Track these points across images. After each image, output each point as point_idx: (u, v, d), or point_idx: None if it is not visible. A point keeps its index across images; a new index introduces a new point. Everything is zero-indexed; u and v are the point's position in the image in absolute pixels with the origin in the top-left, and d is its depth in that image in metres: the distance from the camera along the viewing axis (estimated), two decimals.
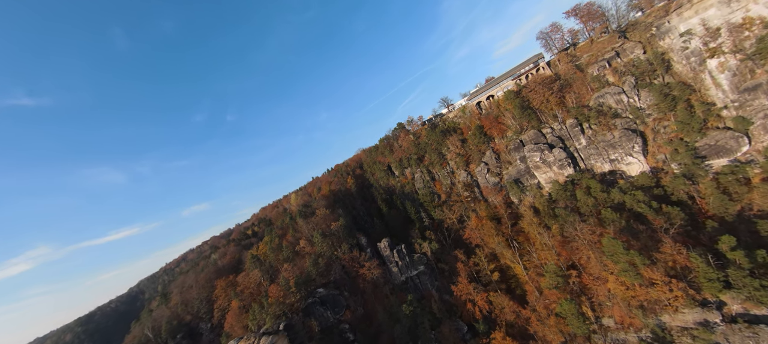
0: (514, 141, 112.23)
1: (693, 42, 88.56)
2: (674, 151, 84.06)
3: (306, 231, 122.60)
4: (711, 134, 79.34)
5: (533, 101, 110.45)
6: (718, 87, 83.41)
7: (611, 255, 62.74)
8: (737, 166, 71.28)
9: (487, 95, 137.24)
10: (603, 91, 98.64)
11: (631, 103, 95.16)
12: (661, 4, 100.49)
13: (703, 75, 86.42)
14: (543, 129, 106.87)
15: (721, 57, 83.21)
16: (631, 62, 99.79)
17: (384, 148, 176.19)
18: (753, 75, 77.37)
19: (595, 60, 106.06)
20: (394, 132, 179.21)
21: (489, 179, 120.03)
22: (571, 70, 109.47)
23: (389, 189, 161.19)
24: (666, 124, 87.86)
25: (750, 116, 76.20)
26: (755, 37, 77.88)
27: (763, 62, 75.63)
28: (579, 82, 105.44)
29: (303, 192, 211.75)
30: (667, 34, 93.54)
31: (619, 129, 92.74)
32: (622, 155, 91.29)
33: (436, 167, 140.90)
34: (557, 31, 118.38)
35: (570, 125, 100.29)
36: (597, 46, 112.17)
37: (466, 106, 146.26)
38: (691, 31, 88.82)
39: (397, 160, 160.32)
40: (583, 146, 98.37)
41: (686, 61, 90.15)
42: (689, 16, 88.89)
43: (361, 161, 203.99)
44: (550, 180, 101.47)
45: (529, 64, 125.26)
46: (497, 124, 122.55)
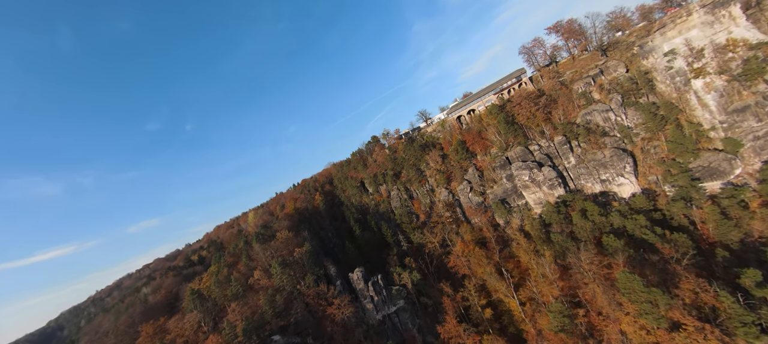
0: (500, 158, 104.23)
1: (677, 62, 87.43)
2: (667, 171, 80.00)
3: (263, 258, 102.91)
4: (704, 155, 76.16)
5: (518, 116, 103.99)
6: (704, 108, 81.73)
7: (627, 293, 53.30)
8: (736, 189, 67.26)
9: (468, 109, 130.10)
10: (590, 108, 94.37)
11: (618, 121, 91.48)
12: (641, 25, 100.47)
13: (688, 95, 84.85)
14: (530, 146, 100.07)
15: (706, 77, 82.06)
16: (614, 80, 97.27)
17: (357, 162, 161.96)
18: (740, 96, 76.17)
19: (579, 76, 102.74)
20: (368, 145, 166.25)
21: (472, 198, 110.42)
22: (556, 86, 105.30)
23: (362, 207, 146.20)
24: (656, 144, 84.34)
25: (740, 138, 74.12)
26: (740, 58, 77.40)
27: (750, 84, 74.67)
28: (565, 98, 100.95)
29: (264, 211, 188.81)
30: (651, 54, 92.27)
31: (609, 148, 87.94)
32: (613, 175, 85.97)
33: (414, 184, 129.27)
34: (540, 46, 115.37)
35: (558, 143, 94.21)
36: (579, 63, 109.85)
37: (445, 120, 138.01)
38: (674, 50, 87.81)
39: (371, 175, 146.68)
40: (572, 165, 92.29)
41: (670, 80, 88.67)
42: (673, 35, 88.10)
43: (331, 176, 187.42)
44: (540, 201, 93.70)
45: (512, 79, 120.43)
46: (480, 140, 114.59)
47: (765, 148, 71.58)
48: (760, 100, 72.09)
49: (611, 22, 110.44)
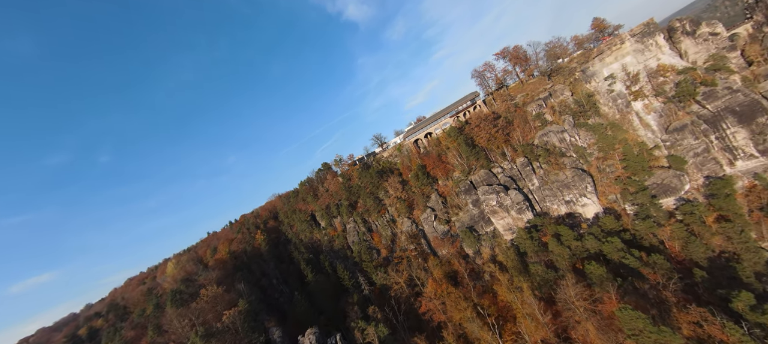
0: (464, 182, 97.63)
1: (617, 85, 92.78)
2: (625, 190, 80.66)
3: (178, 328, 77.09)
4: (657, 173, 78.37)
5: (478, 139, 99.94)
6: (647, 127, 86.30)
7: (633, 334, 45.87)
8: (693, 205, 68.35)
9: (425, 132, 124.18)
10: (546, 129, 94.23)
11: (573, 142, 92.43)
12: (580, 52, 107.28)
13: (631, 116, 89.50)
14: (493, 169, 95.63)
15: (645, 99, 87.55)
16: (563, 103, 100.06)
17: (306, 192, 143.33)
18: (677, 116, 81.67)
19: (531, 99, 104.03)
20: (319, 173, 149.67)
21: (437, 227, 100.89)
22: (511, 108, 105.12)
23: (314, 245, 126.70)
24: (610, 163, 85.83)
25: (682, 155, 78.19)
26: (672, 81, 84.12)
27: (684, 105, 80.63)
28: (521, 120, 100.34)
29: (189, 257, 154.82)
30: (593, 78, 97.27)
31: (569, 168, 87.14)
32: (576, 196, 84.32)
33: (372, 215, 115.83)
34: (491, 70, 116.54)
35: (521, 164, 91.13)
36: (529, 87, 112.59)
37: (402, 144, 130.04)
38: (613, 75, 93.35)
39: (323, 207, 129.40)
40: (536, 187, 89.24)
41: (613, 103, 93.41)
42: (610, 61, 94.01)
43: (275, 209, 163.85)
44: (509, 226, 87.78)
45: (467, 101, 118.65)
46: (441, 164, 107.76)
47: (705, 164, 76.09)
48: (695, 120, 77.53)
49: (549, 50, 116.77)
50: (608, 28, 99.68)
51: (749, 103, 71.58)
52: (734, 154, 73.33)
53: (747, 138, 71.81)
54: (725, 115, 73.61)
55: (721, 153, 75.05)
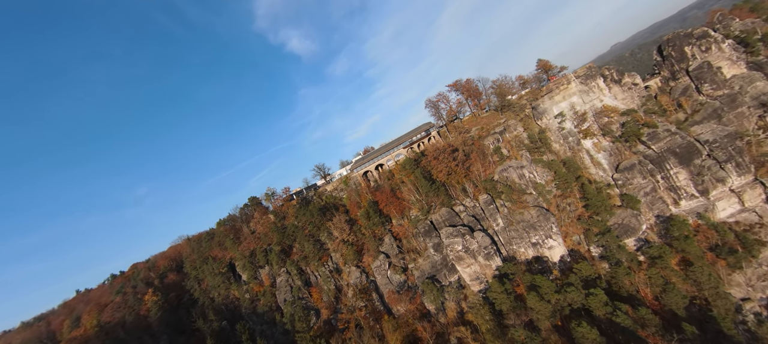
0: (423, 222, 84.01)
1: (566, 123, 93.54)
2: (588, 230, 76.61)
3: None
4: (617, 213, 76.30)
5: (437, 173, 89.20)
6: (597, 166, 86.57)
7: None
8: (660, 249, 65.56)
9: (376, 164, 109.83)
10: (506, 165, 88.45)
11: (531, 178, 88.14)
12: (527, 91, 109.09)
13: (582, 154, 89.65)
14: (455, 207, 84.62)
15: (594, 138, 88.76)
16: (517, 138, 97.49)
17: (225, 235, 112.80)
18: (625, 155, 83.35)
19: (488, 132, 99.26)
20: (245, 210, 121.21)
21: (392, 277, 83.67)
22: (468, 141, 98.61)
23: (230, 307, 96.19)
24: (570, 201, 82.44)
25: (634, 194, 78.40)
26: (617, 122, 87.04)
27: (630, 145, 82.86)
28: (479, 154, 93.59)
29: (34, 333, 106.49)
30: (544, 115, 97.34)
31: (533, 207, 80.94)
32: (542, 237, 77.26)
33: (312, 263, 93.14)
34: (445, 102, 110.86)
35: (484, 202, 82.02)
36: (482, 121, 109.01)
37: (349, 176, 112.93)
38: (563, 113, 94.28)
39: (246, 254, 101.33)
40: (501, 227, 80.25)
41: (564, 140, 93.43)
42: (559, 100, 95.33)
43: (180, 258, 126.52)
44: (476, 275, 75.50)
45: (421, 132, 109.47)
46: (395, 200, 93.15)
47: (654, 203, 76.92)
48: (642, 160, 79.34)
49: (498, 87, 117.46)
50: (553, 68, 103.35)
51: (686, 145, 75.70)
52: (678, 194, 75.57)
53: (688, 178, 74.89)
54: (668, 156, 76.50)
55: (667, 192, 77.04)
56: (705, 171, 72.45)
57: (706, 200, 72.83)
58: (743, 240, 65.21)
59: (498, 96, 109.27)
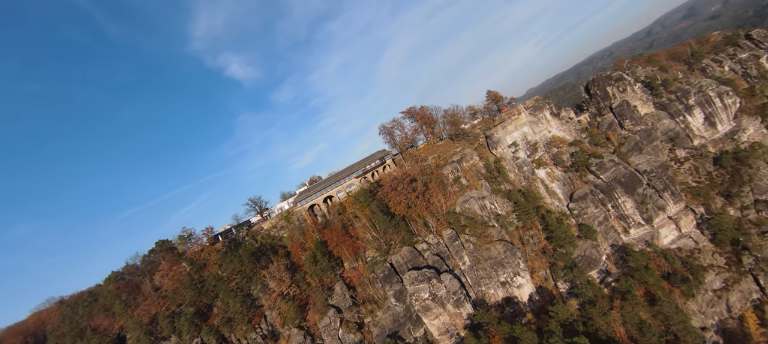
0: (381, 265, 71.39)
1: (520, 153, 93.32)
2: (553, 264, 72.87)
3: None
4: (579, 244, 74.38)
5: (396, 206, 78.87)
6: (553, 195, 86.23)
7: None
8: (628, 281, 63.61)
9: (324, 196, 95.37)
10: (467, 195, 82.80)
11: (492, 209, 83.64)
12: (480, 120, 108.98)
13: (537, 184, 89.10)
14: (418, 244, 74.35)
15: (547, 168, 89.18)
16: (474, 167, 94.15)
17: (113, 295, 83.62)
18: (577, 185, 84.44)
19: (445, 161, 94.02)
20: (149, 257, 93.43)
21: (345, 338, 67.79)
22: (426, 170, 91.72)
23: None
24: (532, 233, 79.00)
25: (590, 224, 78.37)
26: (567, 152, 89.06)
27: (581, 174, 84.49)
28: (438, 184, 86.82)
29: None
30: (498, 145, 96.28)
31: (498, 241, 75.12)
32: (510, 275, 70.92)
33: (238, 327, 71.98)
34: (400, 128, 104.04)
35: (449, 238, 73.57)
36: (438, 149, 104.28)
37: (291, 211, 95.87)
38: (516, 143, 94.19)
39: (143, 321, 74.96)
40: (468, 266, 71.96)
41: (519, 170, 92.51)
42: (512, 129, 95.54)
43: (43, 331, 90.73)
44: (446, 327, 64.42)
45: (375, 160, 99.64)
46: (348, 239, 79.31)
47: (608, 232, 77.59)
48: (593, 189, 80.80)
49: (451, 116, 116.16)
50: (503, 99, 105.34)
51: (629, 175, 79.42)
52: (627, 222, 77.57)
53: (634, 207, 77.68)
54: (615, 186, 79.09)
55: (618, 221, 78.74)
56: (647, 199, 75.99)
57: (651, 228, 75.77)
58: (689, 266, 67.47)
59: (451, 124, 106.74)
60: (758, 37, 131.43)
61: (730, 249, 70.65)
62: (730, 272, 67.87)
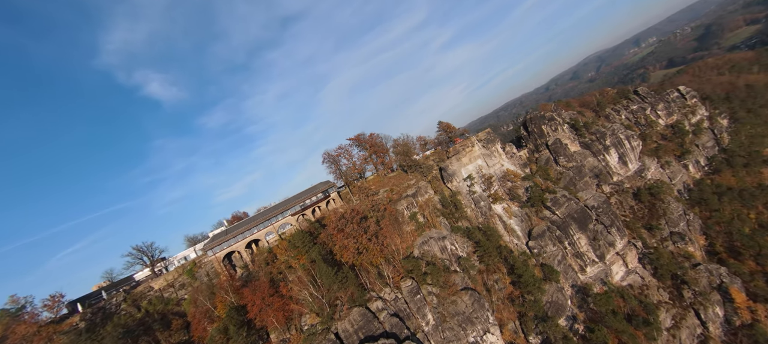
0: (323, 337, 53.15)
1: (476, 187, 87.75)
2: (522, 315, 64.72)
3: None
4: (546, 289, 68.21)
5: (343, 251, 62.95)
6: (511, 233, 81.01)
7: None
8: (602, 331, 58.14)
9: (248, 241, 73.63)
10: (426, 235, 71.86)
11: (453, 250, 73.93)
12: (432, 151, 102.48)
13: (495, 220, 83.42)
14: (371, 303, 58.51)
15: (503, 203, 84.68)
16: (429, 202, 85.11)
17: None
18: (533, 221, 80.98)
19: (399, 195, 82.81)
20: None
21: None
22: (377, 205, 78.68)
23: None
24: (497, 277, 70.79)
25: (551, 264, 74.08)
26: (522, 186, 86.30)
27: (536, 210, 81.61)
28: (393, 222, 74.29)
29: None
30: (453, 178, 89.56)
31: (464, 290, 64.41)
32: (480, 333, 59.90)
33: None
34: (348, 156, 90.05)
35: (408, 292, 59.94)
36: (390, 181, 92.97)
37: (199, 262, 71.13)
38: (471, 176, 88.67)
39: None
40: (432, 327, 58.66)
41: (476, 205, 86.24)
42: (466, 162, 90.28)
43: None
44: None
45: (318, 193, 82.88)
46: (277, 300, 59.21)
47: (567, 272, 74.12)
48: (550, 226, 78.00)
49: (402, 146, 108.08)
50: (455, 130, 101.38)
51: (580, 210, 79.24)
52: (584, 260, 75.71)
53: (588, 244, 76.65)
54: (569, 222, 77.68)
55: (574, 260, 76.44)
56: (599, 235, 75.91)
57: (605, 265, 75.09)
58: (645, 305, 66.59)
59: (403, 155, 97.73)
60: (643, 93, 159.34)
61: (670, 283, 73.28)
62: (676, 307, 69.41)
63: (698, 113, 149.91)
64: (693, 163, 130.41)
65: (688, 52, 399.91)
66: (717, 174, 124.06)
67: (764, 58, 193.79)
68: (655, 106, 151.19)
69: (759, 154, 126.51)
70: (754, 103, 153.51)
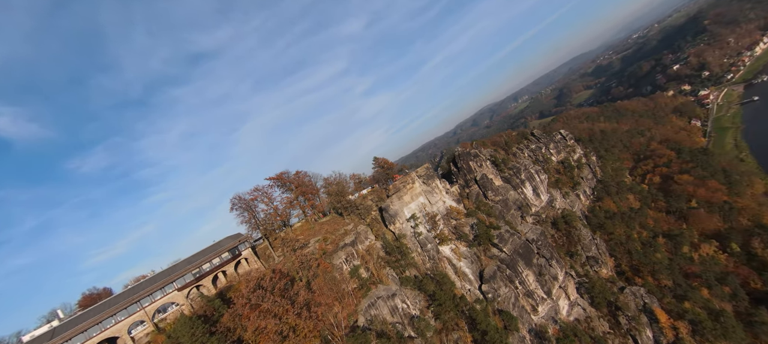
0: None
1: (420, 228, 78.73)
2: None
3: None
4: (510, 340, 60.05)
5: (257, 339, 43.20)
6: (463, 277, 72.98)
7: None
8: None
9: (104, 337, 45.55)
10: (372, 295, 57.51)
11: (405, 309, 60.86)
12: (369, 190, 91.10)
13: (444, 264, 74.74)
14: None
15: (451, 243, 77.23)
16: (371, 249, 71.95)
17: None
18: (483, 262, 75.08)
19: (335, 245, 67.08)
20: None
21: None
22: (308, 261, 61.17)
23: None
24: (458, 336, 59.93)
25: (509, 310, 67.57)
26: (467, 224, 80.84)
27: (485, 248, 76.43)
28: (328, 281, 57.86)
29: None
30: (396, 219, 79.17)
31: None
32: None
33: None
34: (267, 200, 70.38)
35: None
36: (323, 228, 76.49)
37: None
38: (414, 216, 79.72)
39: None
40: None
41: (422, 248, 76.60)
42: (408, 200, 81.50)
43: None
44: None
45: (223, 253, 60.28)
46: None
47: (523, 316, 68.80)
48: (500, 265, 73.21)
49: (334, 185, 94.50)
50: (394, 167, 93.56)
51: (523, 244, 77.64)
52: (535, 299, 72.19)
53: (535, 280, 74.13)
54: (517, 258, 74.64)
55: (526, 300, 72.31)
56: (543, 269, 74.67)
57: (553, 301, 73.16)
58: (595, 339, 65.11)
59: (336, 195, 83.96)
60: (538, 135, 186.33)
61: (606, 310, 75.58)
62: (617, 336, 70.64)
63: (577, 151, 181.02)
64: (582, 193, 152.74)
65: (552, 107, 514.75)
66: (600, 201, 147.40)
67: (606, 111, 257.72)
68: (548, 145, 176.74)
69: (624, 183, 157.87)
70: (609, 143, 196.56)
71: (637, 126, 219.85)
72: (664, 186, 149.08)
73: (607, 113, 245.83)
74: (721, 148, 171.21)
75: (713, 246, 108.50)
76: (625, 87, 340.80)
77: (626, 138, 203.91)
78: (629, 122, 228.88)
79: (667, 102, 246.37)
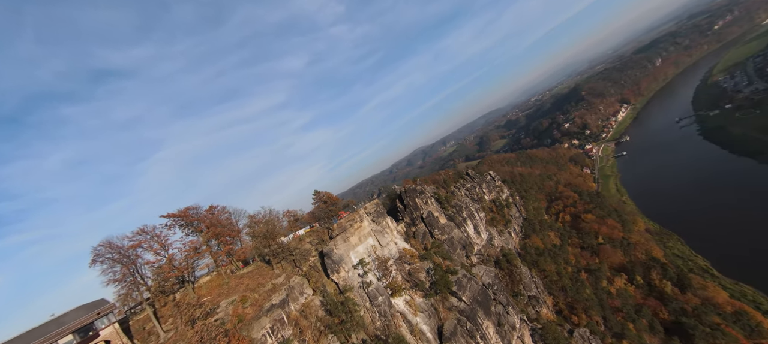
0: None
1: (370, 276, 65.63)
2: None
3: None
4: None
5: None
6: (420, 337, 60.99)
7: None
8: None
9: None
10: None
11: None
12: (307, 230, 74.88)
13: (397, 321, 61.91)
14: None
15: (405, 294, 65.43)
16: (308, 309, 55.50)
17: None
18: (441, 315, 64.63)
19: (259, 308, 48.84)
20: None
21: None
22: (216, 335, 41.80)
23: None
24: None
25: None
26: (422, 269, 70.43)
27: (442, 298, 66.51)
28: None
29: None
30: (340, 266, 64.65)
31: None
32: None
33: None
34: (158, 247, 48.63)
35: None
36: (243, 283, 56.81)
37: None
38: (363, 262, 66.75)
39: None
40: None
41: (372, 303, 62.92)
42: (356, 242, 68.33)
43: None
44: None
45: (65, 336, 36.66)
46: None
47: None
48: (460, 318, 63.84)
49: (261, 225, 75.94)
50: (338, 202, 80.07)
51: (480, 290, 70.81)
52: None
53: (495, 332, 66.79)
54: (476, 308, 66.72)
55: None
56: (501, 318, 68.43)
57: None
58: None
59: (265, 238, 65.99)
60: (472, 175, 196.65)
61: None
62: None
63: (505, 191, 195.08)
64: (513, 230, 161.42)
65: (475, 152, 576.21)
66: (528, 238, 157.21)
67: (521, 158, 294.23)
68: (481, 185, 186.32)
69: (545, 221, 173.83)
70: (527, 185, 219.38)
71: (545, 171, 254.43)
72: (575, 224, 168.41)
73: (523, 159, 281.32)
74: (607, 191, 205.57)
75: (623, 279, 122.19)
76: (532, 139, 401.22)
77: (539, 181, 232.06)
78: (540, 167, 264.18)
79: (565, 152, 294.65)
